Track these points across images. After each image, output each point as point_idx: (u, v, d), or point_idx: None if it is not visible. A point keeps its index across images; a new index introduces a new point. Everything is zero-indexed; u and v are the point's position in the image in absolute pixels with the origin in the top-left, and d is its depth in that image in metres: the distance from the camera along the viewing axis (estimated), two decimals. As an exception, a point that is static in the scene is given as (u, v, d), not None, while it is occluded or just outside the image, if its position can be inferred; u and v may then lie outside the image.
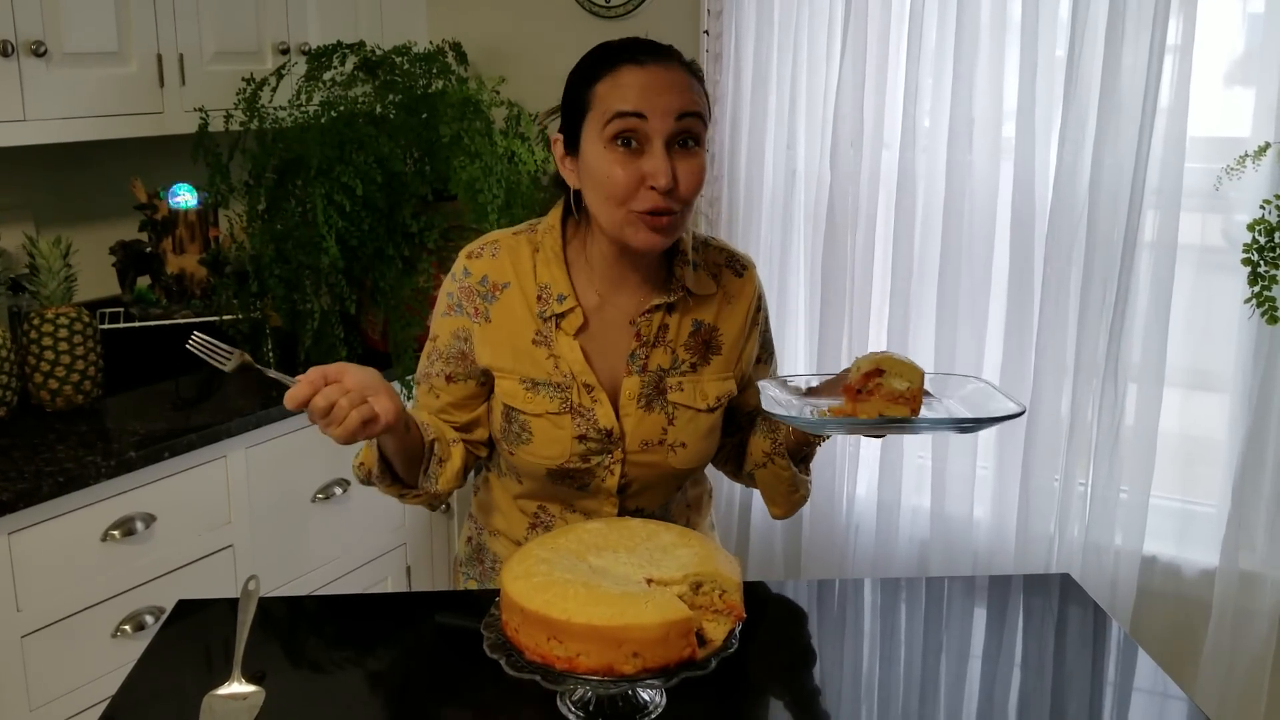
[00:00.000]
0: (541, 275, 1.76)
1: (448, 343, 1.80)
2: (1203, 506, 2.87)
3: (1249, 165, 2.49)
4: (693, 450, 1.81)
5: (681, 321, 1.79)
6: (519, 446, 1.78)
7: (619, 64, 1.64)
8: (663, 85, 1.62)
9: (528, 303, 1.76)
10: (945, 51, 2.86)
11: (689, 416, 1.79)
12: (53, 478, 2.28)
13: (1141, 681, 1.67)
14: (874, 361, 1.51)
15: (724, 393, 1.82)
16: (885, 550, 3.13)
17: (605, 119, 1.62)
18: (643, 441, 1.77)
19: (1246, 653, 2.73)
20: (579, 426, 1.75)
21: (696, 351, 1.80)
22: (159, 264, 2.96)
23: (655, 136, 1.61)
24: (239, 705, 1.50)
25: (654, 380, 1.77)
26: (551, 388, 1.75)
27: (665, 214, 1.63)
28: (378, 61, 3.03)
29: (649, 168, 1.61)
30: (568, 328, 1.75)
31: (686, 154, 1.63)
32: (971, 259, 2.91)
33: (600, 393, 1.75)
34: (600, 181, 1.64)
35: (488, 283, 1.77)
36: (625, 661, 1.33)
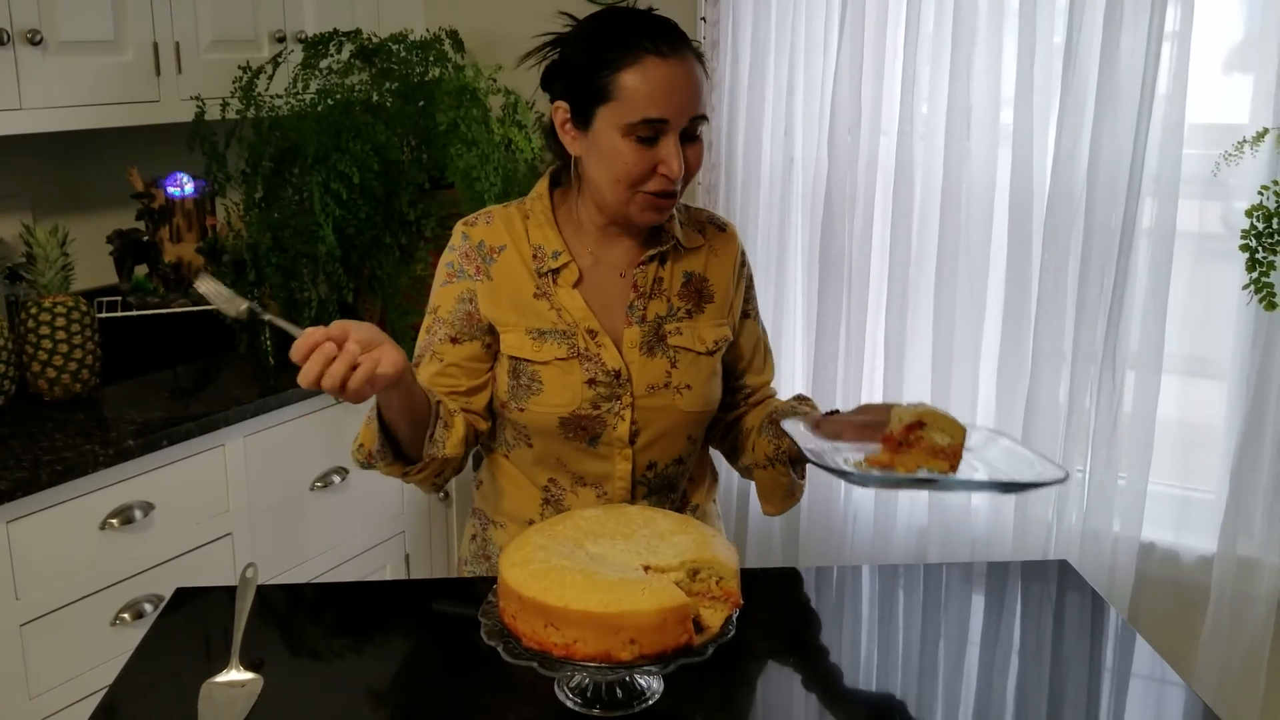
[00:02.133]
0: (534, 238, 1.83)
1: (451, 309, 1.83)
2: (1201, 493, 2.87)
3: (1247, 151, 2.49)
4: (698, 393, 1.86)
5: (674, 271, 1.87)
6: (529, 399, 1.81)
7: (642, 53, 1.68)
8: (682, 85, 1.69)
9: (524, 262, 1.82)
10: (943, 38, 2.85)
11: (691, 359, 1.85)
12: (51, 466, 2.28)
13: (1139, 668, 1.68)
14: (916, 414, 1.50)
15: (720, 337, 1.89)
16: (883, 537, 3.13)
17: (630, 118, 1.68)
18: (649, 385, 1.82)
19: (1244, 638, 2.73)
20: (587, 371, 1.79)
21: (690, 299, 1.87)
22: (156, 253, 2.95)
23: (672, 131, 1.69)
24: (237, 692, 1.50)
25: (653, 328, 1.83)
26: (557, 335, 1.80)
27: (670, 196, 1.73)
28: (374, 49, 3.03)
29: (663, 156, 1.69)
30: (564, 281, 1.81)
31: (692, 142, 1.73)
32: (969, 246, 2.90)
33: (604, 337, 1.80)
34: (613, 164, 1.71)
35: (485, 246, 1.84)
36: (622, 648, 1.33)
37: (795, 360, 3.29)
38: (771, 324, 3.26)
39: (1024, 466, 1.57)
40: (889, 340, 3.04)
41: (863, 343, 3.11)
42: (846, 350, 3.13)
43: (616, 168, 1.71)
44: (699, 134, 1.73)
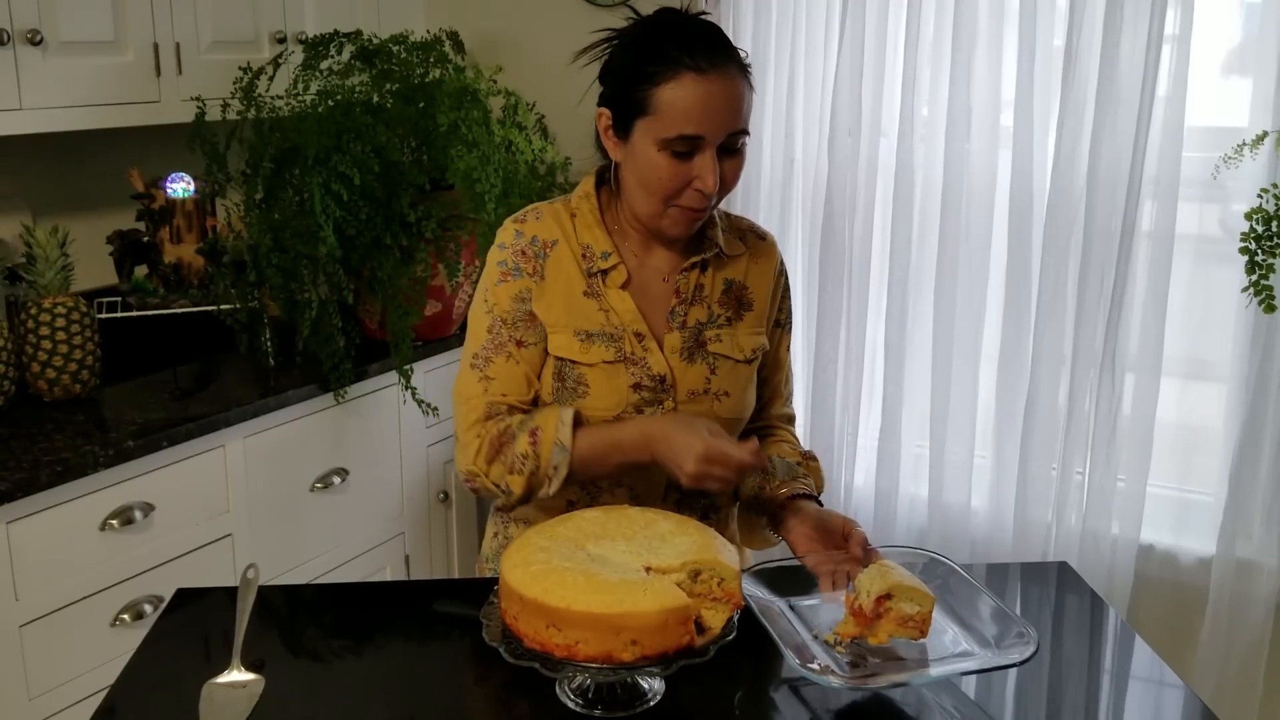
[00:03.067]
0: (583, 236, 1.83)
1: (509, 308, 1.82)
2: (1199, 495, 2.87)
3: (1246, 154, 2.49)
4: (735, 400, 1.86)
5: (715, 279, 1.87)
6: (574, 402, 1.80)
7: (680, 69, 1.67)
8: (721, 101, 1.67)
9: (575, 260, 1.82)
10: (943, 40, 2.85)
11: (729, 366, 1.85)
12: (51, 467, 2.28)
13: (1138, 669, 1.68)
14: (884, 586, 1.51)
15: (758, 345, 1.89)
16: (883, 538, 3.13)
17: (666, 134, 1.68)
18: (689, 391, 1.82)
19: (1243, 640, 2.74)
20: (633, 375, 1.79)
21: (730, 307, 1.87)
22: (156, 253, 2.95)
23: (708, 147, 1.68)
24: (238, 693, 1.50)
25: (693, 334, 1.83)
26: (605, 337, 1.80)
27: (703, 210, 1.74)
28: (375, 50, 3.03)
29: (698, 172, 1.69)
30: (613, 282, 1.81)
31: (732, 157, 1.72)
32: (969, 248, 2.91)
33: (650, 341, 1.80)
34: (648, 178, 1.72)
35: (538, 242, 1.83)
36: (624, 649, 1.33)
37: (795, 362, 3.28)
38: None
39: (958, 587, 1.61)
40: (889, 342, 3.04)
41: (863, 344, 3.12)
42: (847, 352, 3.13)
43: (651, 181, 1.71)
44: (739, 148, 1.72)
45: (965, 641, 1.56)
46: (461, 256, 3.02)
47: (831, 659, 1.52)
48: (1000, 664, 1.49)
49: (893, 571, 1.54)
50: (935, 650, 1.54)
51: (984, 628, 1.57)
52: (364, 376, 2.95)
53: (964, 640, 1.56)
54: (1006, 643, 1.52)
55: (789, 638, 1.53)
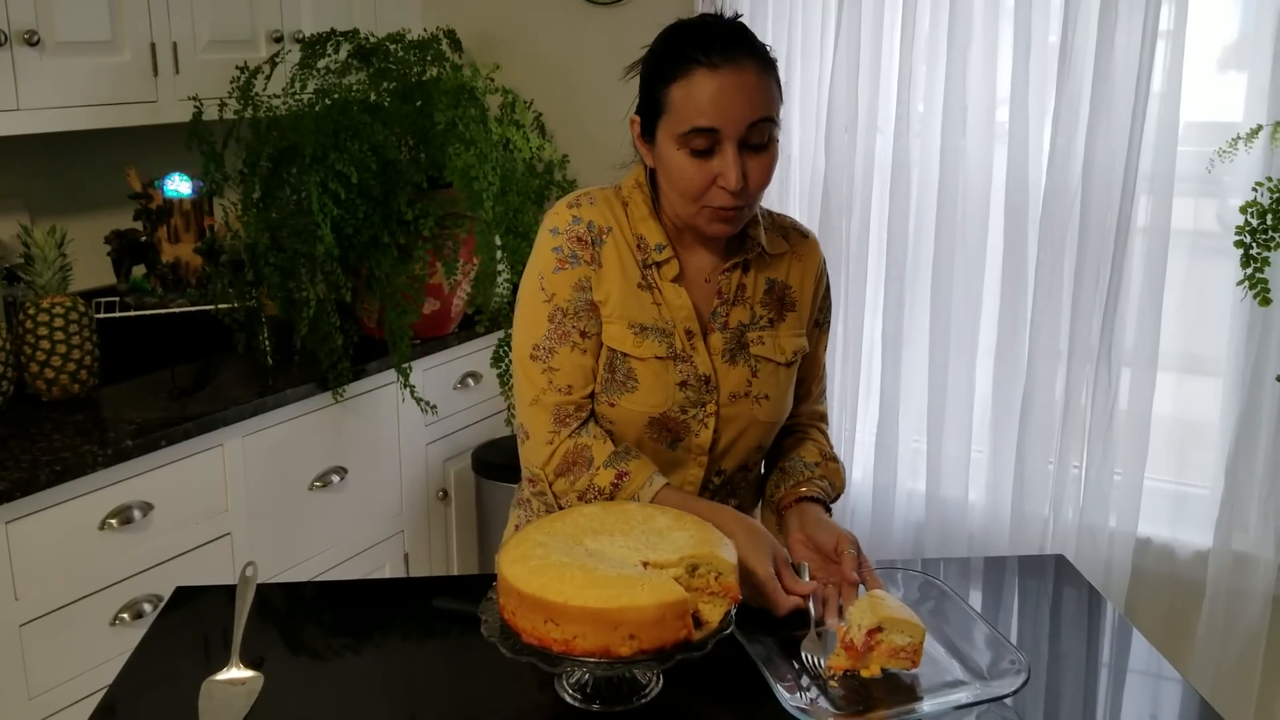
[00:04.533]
0: (636, 226, 1.80)
1: (570, 296, 1.78)
2: (1196, 488, 2.88)
3: (1241, 148, 2.50)
4: (775, 403, 1.85)
5: (757, 279, 1.85)
6: (623, 395, 1.79)
7: (692, 66, 1.66)
8: (735, 93, 1.64)
9: (630, 249, 1.80)
10: (939, 37, 2.86)
11: (771, 369, 1.84)
12: (50, 467, 2.28)
13: (1136, 662, 1.69)
14: (874, 619, 1.51)
15: (799, 348, 1.88)
16: (881, 533, 3.14)
17: (680, 129, 1.67)
18: (731, 394, 1.81)
19: (1240, 632, 2.75)
20: (681, 373, 1.78)
21: (772, 308, 1.85)
22: (154, 253, 2.96)
23: (727, 141, 1.65)
24: (238, 690, 1.51)
25: (735, 335, 1.82)
26: (658, 332, 1.78)
27: (734, 209, 1.70)
28: (372, 49, 3.03)
29: (720, 169, 1.66)
30: (666, 275, 1.79)
31: (758, 154, 1.68)
32: (965, 244, 2.91)
33: (699, 340, 1.79)
34: (674, 178, 1.71)
35: (594, 228, 1.80)
36: (622, 643, 1.34)
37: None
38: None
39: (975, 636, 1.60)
40: (886, 338, 3.05)
41: (860, 340, 3.13)
42: (844, 347, 3.14)
43: (678, 182, 1.70)
44: (766, 143, 1.68)
45: (957, 670, 1.56)
46: (459, 254, 3.02)
47: (823, 692, 1.52)
48: (991, 696, 1.49)
49: (883, 603, 1.54)
50: (927, 680, 1.54)
51: (976, 655, 1.57)
52: (362, 375, 2.96)
53: (955, 669, 1.56)
54: (999, 670, 1.52)
55: (780, 673, 1.53)
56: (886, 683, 1.53)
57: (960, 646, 1.60)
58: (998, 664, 1.53)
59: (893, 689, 1.52)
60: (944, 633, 1.63)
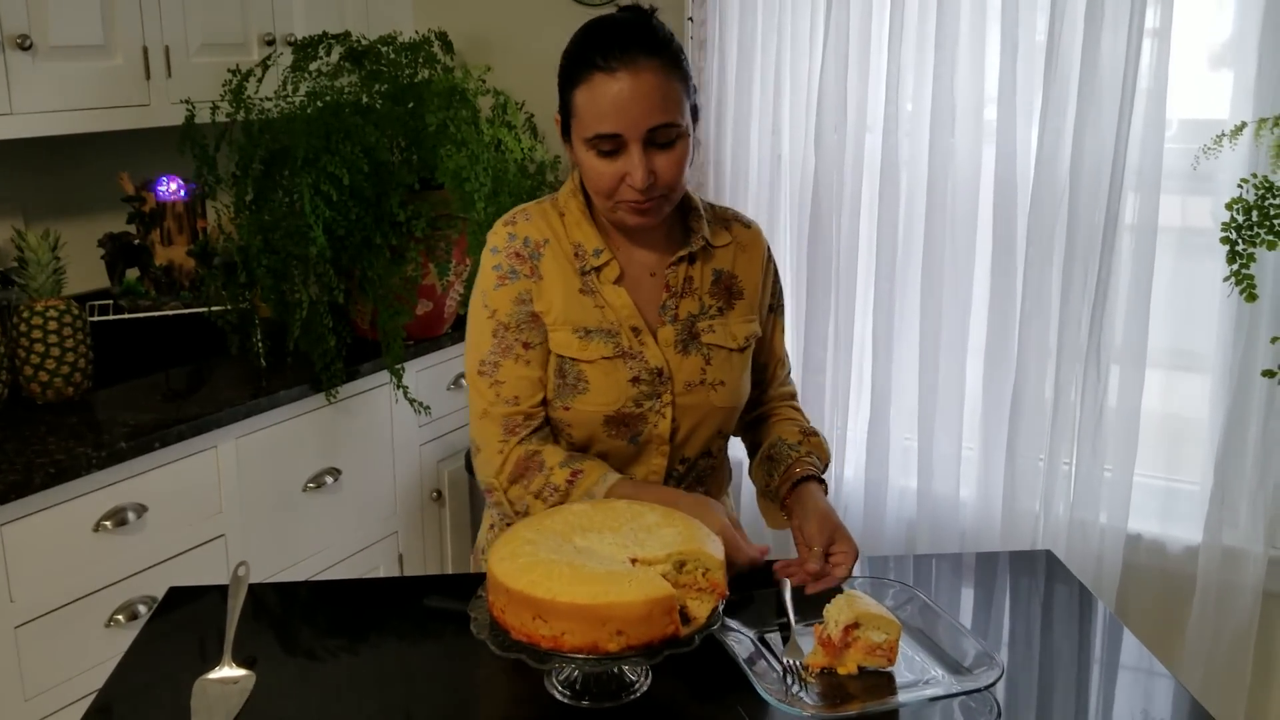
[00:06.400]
0: (573, 234, 1.85)
1: (510, 311, 1.84)
2: (1186, 484, 2.89)
3: (1226, 145, 2.51)
4: (731, 388, 1.89)
5: (704, 271, 1.90)
6: (575, 398, 1.82)
7: (592, 71, 1.70)
8: (632, 98, 1.68)
9: (567, 258, 1.84)
10: (926, 36, 2.87)
11: (724, 356, 1.88)
12: (44, 469, 2.29)
13: (1126, 658, 1.70)
14: (851, 615, 1.53)
15: (750, 333, 1.93)
16: (873, 530, 3.15)
17: (585, 134, 1.72)
18: (686, 382, 1.85)
19: (1230, 627, 2.76)
20: (631, 369, 1.82)
21: (721, 297, 1.90)
22: (147, 256, 2.97)
23: (631, 143, 1.70)
24: (230, 689, 1.52)
25: (686, 327, 1.86)
26: (603, 334, 1.82)
27: (647, 202, 1.74)
28: (363, 51, 3.04)
29: (626, 169, 1.71)
30: (606, 278, 1.84)
31: (665, 151, 1.72)
32: (954, 242, 2.93)
33: (647, 335, 1.83)
34: (588, 178, 1.77)
35: (530, 243, 1.85)
36: (610, 639, 1.35)
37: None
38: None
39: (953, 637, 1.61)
40: (877, 336, 3.06)
41: (851, 338, 3.14)
42: (835, 346, 3.15)
43: (591, 181, 1.76)
44: (673, 141, 1.72)
45: (932, 666, 1.58)
46: (452, 255, 3.03)
47: (802, 689, 1.53)
48: (965, 689, 1.50)
49: (859, 600, 1.57)
50: (902, 676, 1.56)
51: (952, 654, 1.59)
52: (355, 376, 2.97)
53: (931, 667, 1.58)
54: (974, 666, 1.54)
55: (761, 670, 1.54)
56: (863, 679, 1.54)
57: (936, 645, 1.61)
58: (973, 661, 1.55)
59: (869, 685, 1.54)
60: (922, 633, 1.64)
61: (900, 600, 1.70)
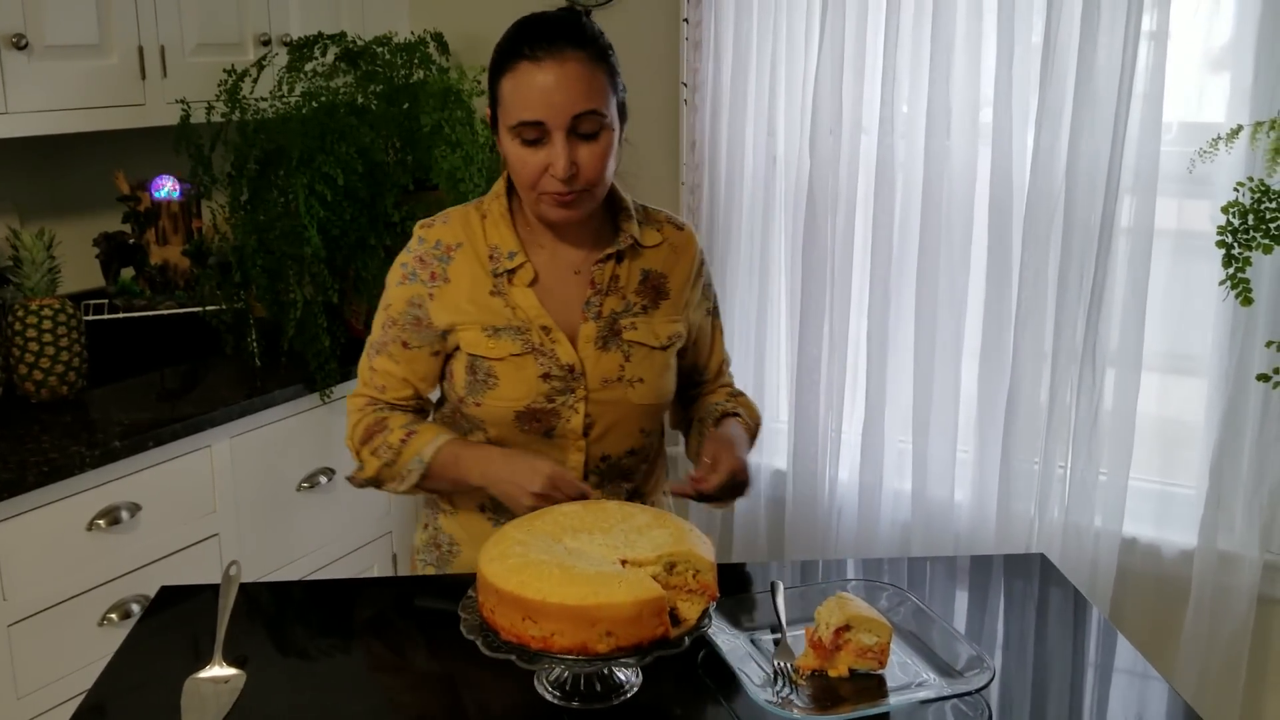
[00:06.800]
0: (491, 237, 1.88)
1: (401, 310, 1.90)
2: (1181, 488, 2.88)
3: (1222, 148, 2.51)
4: (650, 386, 1.90)
5: (631, 269, 1.92)
6: (486, 394, 1.86)
7: (519, 60, 1.74)
8: (557, 85, 1.72)
9: (480, 261, 1.87)
10: (922, 38, 2.87)
11: (644, 353, 1.89)
12: (38, 468, 2.29)
13: (1121, 661, 1.70)
14: (842, 618, 1.53)
15: (674, 333, 1.94)
16: (867, 533, 3.15)
17: (510, 121, 1.76)
18: (603, 379, 1.87)
19: (1225, 631, 2.75)
20: (542, 365, 1.84)
21: (647, 296, 1.93)
22: (142, 255, 2.97)
23: (555, 132, 1.73)
24: (220, 688, 1.52)
25: (609, 324, 1.88)
26: (512, 331, 1.85)
27: (570, 194, 1.77)
28: (359, 52, 3.04)
29: (548, 159, 1.74)
30: (520, 281, 1.86)
31: (589, 142, 1.76)
32: (950, 244, 2.92)
33: (558, 333, 1.85)
34: (512, 168, 1.80)
35: (441, 245, 1.89)
36: (599, 640, 1.35)
37: (779, 359, 3.31)
38: (755, 323, 3.28)
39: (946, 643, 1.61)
40: (871, 338, 3.05)
41: (845, 341, 3.13)
42: (830, 347, 3.14)
43: (515, 171, 1.79)
44: (597, 133, 1.76)
45: (924, 672, 1.58)
46: (447, 256, 3.02)
47: (793, 691, 1.53)
48: (956, 692, 1.51)
49: (850, 603, 1.57)
50: (894, 680, 1.56)
51: (943, 656, 1.59)
52: (349, 376, 2.96)
53: (922, 670, 1.58)
54: (965, 669, 1.54)
55: (752, 672, 1.54)
56: (854, 681, 1.54)
57: (928, 648, 1.61)
58: (964, 664, 1.55)
59: (860, 687, 1.54)
60: (913, 636, 1.64)
61: (893, 603, 1.70)
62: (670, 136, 3.37)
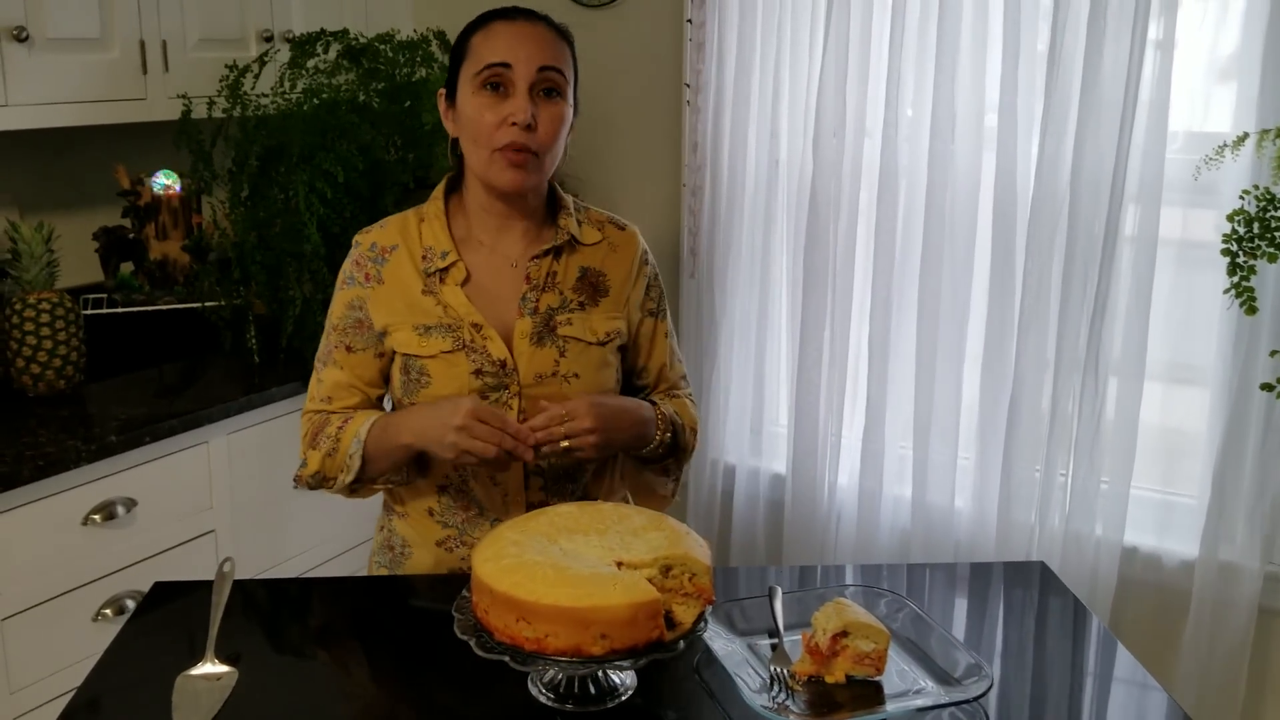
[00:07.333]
0: (426, 239, 1.90)
1: (342, 314, 1.92)
2: (1183, 498, 2.87)
3: (1228, 156, 2.50)
4: (586, 381, 1.90)
5: (569, 266, 1.93)
6: (419, 392, 1.87)
7: (493, 20, 1.83)
8: (527, 38, 1.80)
9: (414, 262, 1.89)
10: (927, 42, 2.86)
11: (580, 349, 1.89)
12: (34, 462, 2.28)
13: (1120, 670, 1.69)
14: (840, 624, 1.52)
15: (613, 329, 1.94)
16: (867, 539, 3.14)
17: (477, 68, 1.80)
18: (537, 374, 1.87)
19: (1225, 642, 2.74)
20: (474, 362, 1.84)
21: (584, 293, 1.93)
22: (142, 250, 2.96)
23: (520, 82, 1.78)
24: (211, 685, 1.51)
25: (544, 319, 1.88)
26: (443, 329, 1.86)
27: (523, 151, 1.79)
28: (361, 49, 3.03)
29: (511, 108, 1.77)
30: (452, 280, 1.87)
31: (549, 102, 1.81)
32: (953, 250, 2.91)
33: (490, 330, 1.85)
34: (470, 123, 1.81)
35: (376, 248, 1.91)
36: (593, 643, 1.34)
37: (780, 363, 3.30)
38: (755, 326, 3.27)
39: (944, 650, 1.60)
40: (873, 343, 3.04)
41: (846, 345, 3.12)
42: (831, 353, 3.13)
43: (473, 125, 1.80)
44: (556, 100, 1.81)
45: (921, 679, 1.56)
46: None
47: (789, 697, 1.52)
48: (954, 700, 1.50)
49: (848, 609, 1.55)
50: (891, 687, 1.55)
51: (941, 664, 1.58)
52: (349, 374, 2.95)
53: (920, 678, 1.57)
54: (963, 676, 1.53)
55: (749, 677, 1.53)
56: (851, 688, 1.53)
57: (926, 655, 1.60)
58: (963, 671, 1.54)
59: (857, 694, 1.52)
60: (911, 643, 1.63)
61: (891, 610, 1.69)
62: (672, 138, 3.36)
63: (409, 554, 1.98)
